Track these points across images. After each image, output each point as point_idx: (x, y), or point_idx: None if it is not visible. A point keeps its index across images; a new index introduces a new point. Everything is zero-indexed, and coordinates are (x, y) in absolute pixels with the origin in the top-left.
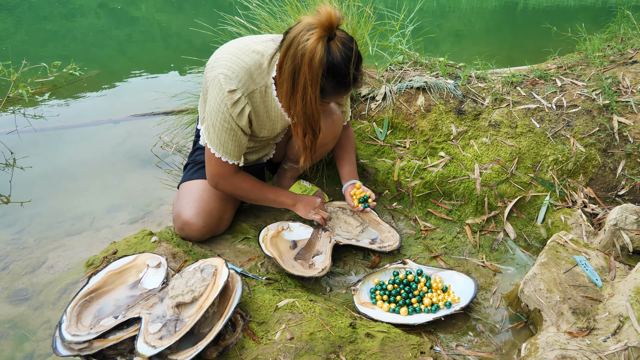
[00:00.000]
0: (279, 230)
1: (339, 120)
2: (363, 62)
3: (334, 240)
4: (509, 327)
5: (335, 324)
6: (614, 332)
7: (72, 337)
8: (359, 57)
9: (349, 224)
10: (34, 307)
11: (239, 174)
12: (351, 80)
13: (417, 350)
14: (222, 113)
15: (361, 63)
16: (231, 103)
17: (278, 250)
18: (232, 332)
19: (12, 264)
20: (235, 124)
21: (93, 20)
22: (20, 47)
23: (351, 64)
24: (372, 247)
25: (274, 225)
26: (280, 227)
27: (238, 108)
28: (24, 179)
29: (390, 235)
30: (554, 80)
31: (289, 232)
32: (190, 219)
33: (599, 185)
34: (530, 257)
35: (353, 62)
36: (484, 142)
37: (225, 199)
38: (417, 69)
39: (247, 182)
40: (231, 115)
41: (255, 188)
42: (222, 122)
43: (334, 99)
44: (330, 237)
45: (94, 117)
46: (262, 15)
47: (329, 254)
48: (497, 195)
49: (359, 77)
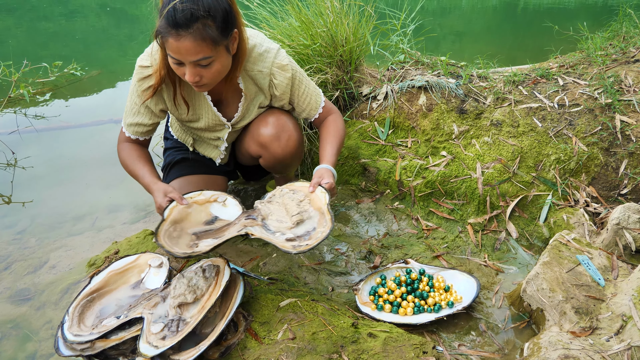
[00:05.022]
0: (210, 200)
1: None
2: (216, 21)
3: (244, 231)
4: (511, 327)
5: (337, 323)
6: (617, 331)
7: (74, 337)
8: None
9: (287, 212)
10: (36, 307)
11: (127, 144)
12: (170, 12)
13: (419, 350)
14: (132, 85)
15: (198, 7)
16: (139, 77)
17: (183, 217)
18: (234, 332)
19: (14, 264)
20: (137, 97)
21: (94, 20)
22: (21, 47)
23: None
24: (285, 246)
25: (209, 193)
26: (213, 198)
27: (145, 84)
28: (26, 179)
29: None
30: (556, 79)
31: (221, 207)
32: None
33: (602, 184)
34: (533, 257)
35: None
36: (486, 141)
37: (205, 184)
38: (419, 68)
39: (125, 152)
40: (137, 89)
41: (129, 161)
42: (130, 93)
43: (168, 46)
44: (244, 227)
45: (95, 117)
46: (264, 14)
47: (222, 241)
48: (499, 195)
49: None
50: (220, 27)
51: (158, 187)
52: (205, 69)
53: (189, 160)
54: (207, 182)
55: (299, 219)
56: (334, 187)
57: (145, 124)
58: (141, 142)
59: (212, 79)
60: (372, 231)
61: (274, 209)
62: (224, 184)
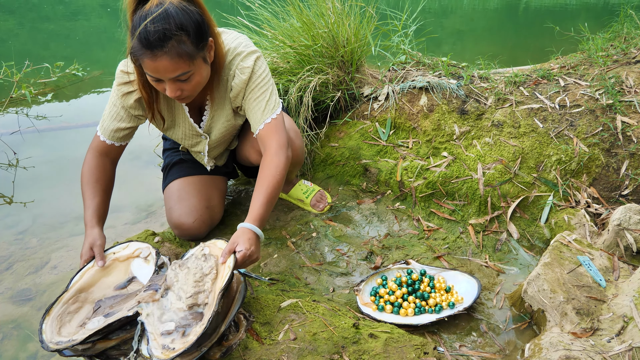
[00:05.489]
0: (132, 255)
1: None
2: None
3: (135, 310)
4: (512, 328)
5: (338, 324)
6: (618, 332)
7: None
8: (167, 17)
9: (185, 291)
10: (38, 308)
11: (97, 154)
12: (143, 35)
13: (420, 351)
14: (113, 89)
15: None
16: (119, 82)
17: (96, 279)
18: (235, 333)
19: (15, 264)
20: (117, 100)
21: (95, 20)
22: (22, 47)
23: (150, 17)
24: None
25: (135, 246)
26: (137, 253)
27: (125, 88)
28: (27, 179)
29: (195, 331)
30: (557, 80)
31: (142, 263)
32: (179, 220)
33: (603, 185)
34: (534, 257)
35: (154, 16)
36: (487, 142)
37: (204, 186)
38: (420, 69)
39: (90, 165)
40: (117, 92)
41: (87, 178)
42: (112, 96)
43: (145, 66)
44: (139, 302)
45: (96, 117)
46: (265, 15)
47: (105, 324)
48: (500, 195)
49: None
50: (195, 40)
51: (90, 233)
52: (185, 83)
53: (188, 161)
54: (206, 183)
55: (193, 303)
56: (251, 255)
57: (123, 128)
58: (116, 148)
59: (193, 91)
60: (373, 232)
61: (182, 277)
62: (223, 185)
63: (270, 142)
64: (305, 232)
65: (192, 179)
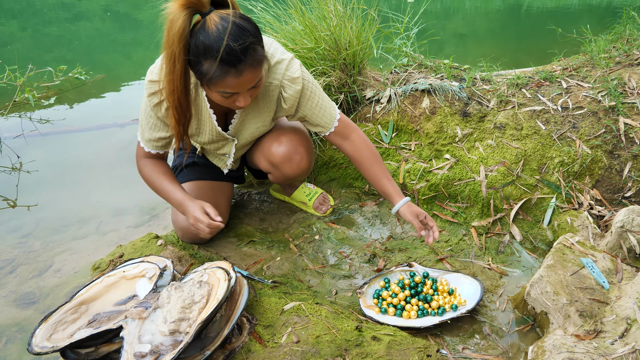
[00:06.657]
0: (139, 275)
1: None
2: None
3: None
4: (515, 330)
5: (341, 327)
6: (622, 334)
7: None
8: (241, 30)
9: (171, 314)
10: (41, 311)
11: (148, 160)
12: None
13: (423, 354)
14: (144, 99)
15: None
16: (149, 92)
17: (100, 293)
18: (238, 336)
19: (19, 267)
20: (151, 111)
21: (98, 24)
22: (25, 51)
23: (226, 35)
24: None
25: (143, 266)
26: (144, 272)
27: (155, 98)
28: (31, 183)
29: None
30: (560, 82)
31: (146, 282)
32: (184, 224)
33: (605, 187)
34: (537, 260)
35: (229, 33)
36: (490, 144)
37: (212, 192)
38: (422, 72)
39: (148, 168)
40: (149, 103)
41: (153, 177)
42: (144, 107)
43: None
44: (126, 317)
45: (99, 121)
46: (267, 18)
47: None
48: (502, 198)
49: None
50: (262, 43)
51: (193, 203)
52: (255, 88)
53: (198, 165)
54: (214, 188)
55: (175, 329)
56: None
57: (163, 137)
58: (161, 155)
59: (256, 94)
60: (376, 234)
61: (173, 300)
62: (230, 191)
63: (349, 132)
64: (307, 235)
65: (202, 183)
